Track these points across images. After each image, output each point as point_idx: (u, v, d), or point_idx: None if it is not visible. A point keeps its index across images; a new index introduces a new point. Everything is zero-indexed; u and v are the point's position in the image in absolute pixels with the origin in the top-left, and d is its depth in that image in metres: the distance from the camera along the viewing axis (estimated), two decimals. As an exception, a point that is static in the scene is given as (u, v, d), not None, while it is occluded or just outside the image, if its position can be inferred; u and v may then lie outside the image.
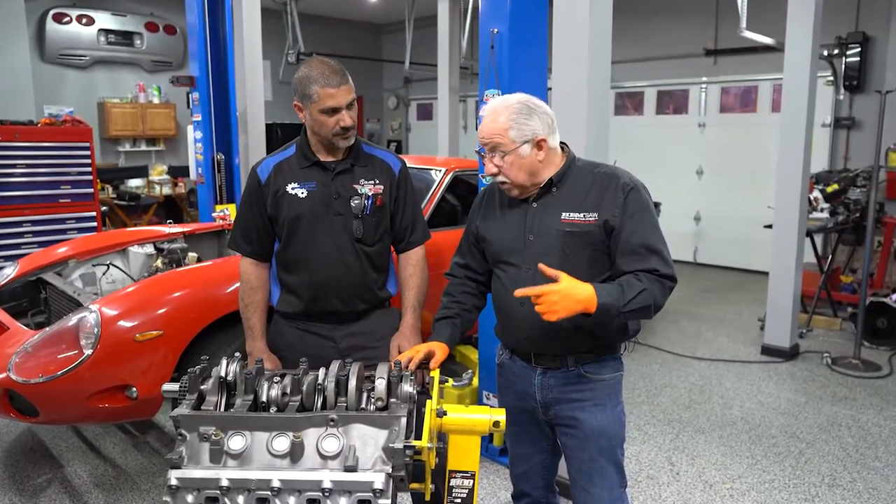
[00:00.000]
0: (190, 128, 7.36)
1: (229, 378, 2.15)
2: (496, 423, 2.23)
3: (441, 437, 2.25)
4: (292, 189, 2.88)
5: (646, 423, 5.06)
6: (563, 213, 2.44)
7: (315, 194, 2.87)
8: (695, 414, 5.27)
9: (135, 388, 3.72)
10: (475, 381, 4.42)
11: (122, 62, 12.23)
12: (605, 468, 2.56)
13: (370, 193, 2.90)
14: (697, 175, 10.97)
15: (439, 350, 2.54)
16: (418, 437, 2.07)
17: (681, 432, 4.94)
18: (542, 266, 2.32)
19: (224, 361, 2.17)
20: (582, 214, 2.41)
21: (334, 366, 2.18)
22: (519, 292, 2.30)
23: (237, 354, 2.24)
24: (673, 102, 11.25)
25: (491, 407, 2.31)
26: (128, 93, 12.31)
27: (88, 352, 3.62)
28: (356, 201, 2.87)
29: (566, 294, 2.23)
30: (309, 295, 2.92)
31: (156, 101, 12.51)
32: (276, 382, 2.16)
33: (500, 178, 2.46)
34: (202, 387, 2.15)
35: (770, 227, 6.73)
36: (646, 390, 5.73)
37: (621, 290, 2.30)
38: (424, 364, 2.49)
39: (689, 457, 4.57)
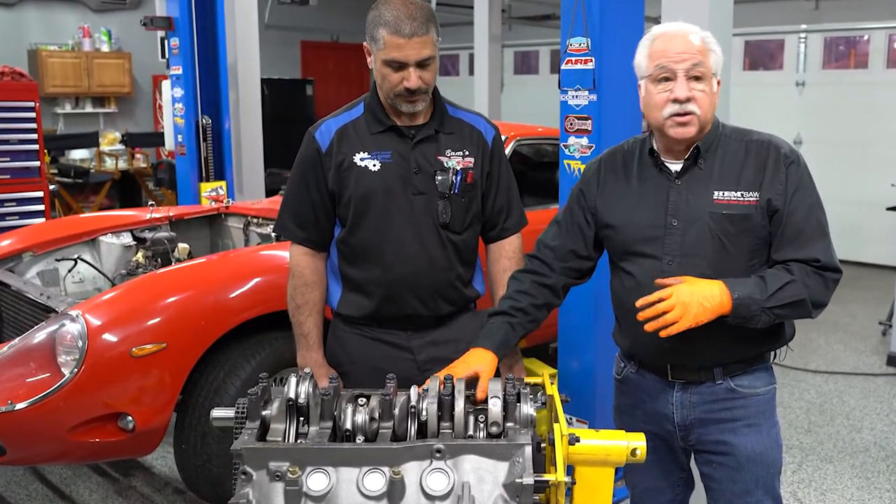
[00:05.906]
0: (166, 83, 7.32)
1: (300, 401, 2.14)
2: (634, 452, 2.25)
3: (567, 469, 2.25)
4: (361, 160, 2.84)
5: (760, 452, 5.08)
6: (716, 192, 2.45)
7: (390, 167, 2.84)
8: (818, 439, 5.32)
9: (131, 418, 3.65)
10: (554, 403, 4.42)
11: (60, -1, 12.18)
12: (761, 503, 2.59)
13: (458, 168, 2.87)
14: (795, 146, 10.86)
15: (486, 369, 2.47)
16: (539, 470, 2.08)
17: (804, 461, 4.99)
18: (659, 281, 2.38)
19: (293, 380, 2.17)
20: (740, 193, 2.43)
21: (434, 383, 2.19)
22: (640, 302, 2.36)
23: (307, 370, 2.24)
24: (764, 56, 11.21)
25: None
26: (68, 38, 12.32)
27: (70, 371, 3.54)
28: (441, 177, 2.84)
29: (695, 290, 2.30)
30: (381, 294, 2.89)
31: (105, 49, 12.51)
32: (362, 405, 2.16)
33: (690, 108, 2.40)
34: (264, 412, 2.15)
35: (894, 209, 6.72)
36: (753, 412, 5.74)
37: (763, 283, 2.34)
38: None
39: (817, 491, 4.62)
